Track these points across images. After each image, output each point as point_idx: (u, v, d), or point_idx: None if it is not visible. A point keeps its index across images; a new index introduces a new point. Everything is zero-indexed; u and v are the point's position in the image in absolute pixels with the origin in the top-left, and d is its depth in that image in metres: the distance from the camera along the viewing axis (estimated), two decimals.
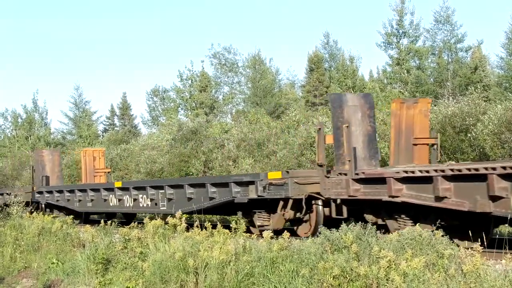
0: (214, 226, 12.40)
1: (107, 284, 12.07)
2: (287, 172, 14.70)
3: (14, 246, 17.10)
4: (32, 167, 29.35)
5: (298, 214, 15.23)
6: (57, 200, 25.39)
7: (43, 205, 26.71)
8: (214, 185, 17.20)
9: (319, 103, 62.53)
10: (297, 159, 29.48)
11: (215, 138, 37.98)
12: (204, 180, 18.03)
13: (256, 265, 9.82)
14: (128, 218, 25.48)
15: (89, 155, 28.95)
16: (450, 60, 54.88)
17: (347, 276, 8.36)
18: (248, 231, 14.78)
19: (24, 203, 26.24)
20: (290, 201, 14.74)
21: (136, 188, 20.50)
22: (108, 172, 29.69)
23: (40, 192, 26.85)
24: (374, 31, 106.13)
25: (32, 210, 26.18)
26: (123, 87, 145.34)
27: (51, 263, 14.55)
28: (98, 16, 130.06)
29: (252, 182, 15.57)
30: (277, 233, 12.46)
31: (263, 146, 33.92)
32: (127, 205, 20.69)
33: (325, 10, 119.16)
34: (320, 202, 14.78)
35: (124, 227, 14.16)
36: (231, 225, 12.09)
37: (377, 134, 24.27)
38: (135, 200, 20.30)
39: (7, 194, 27.60)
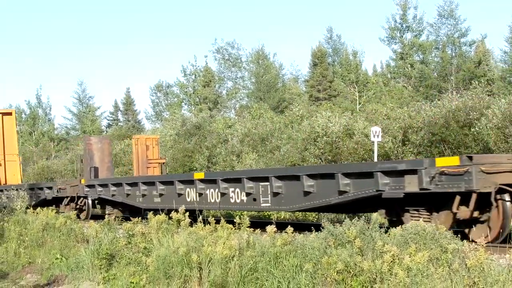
0: (217, 221, 12.40)
1: (111, 279, 12.09)
2: (469, 157, 11.24)
3: (18, 241, 17.12)
4: (80, 156, 25.43)
5: (475, 213, 11.82)
6: (113, 195, 21.18)
7: (89, 201, 23.18)
8: (348, 175, 13.43)
9: (322, 97, 62.53)
10: (301, 154, 29.50)
11: (219, 133, 38.07)
12: (332, 169, 14.09)
13: (260, 260, 9.81)
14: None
15: (141, 144, 25.37)
16: (453, 54, 54.91)
17: (351, 271, 8.36)
18: None
19: (68, 198, 24.05)
20: (474, 196, 11.19)
21: (226, 180, 16.50)
22: (163, 163, 25.91)
23: (91, 186, 22.59)
24: (378, 25, 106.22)
25: (79, 207, 23.94)
26: (127, 83, 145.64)
27: (55, 259, 14.56)
28: (102, 11, 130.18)
29: (410, 171, 12.09)
30: None
31: (267, 141, 33.98)
32: (212, 200, 16.85)
33: (328, 5, 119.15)
34: (507, 197, 11.73)
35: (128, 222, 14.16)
36: (234, 220, 12.09)
37: (380, 130, 24.33)
38: (223, 194, 16.40)
39: (48, 188, 25.29)
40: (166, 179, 19.28)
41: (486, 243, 8.26)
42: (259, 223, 16.03)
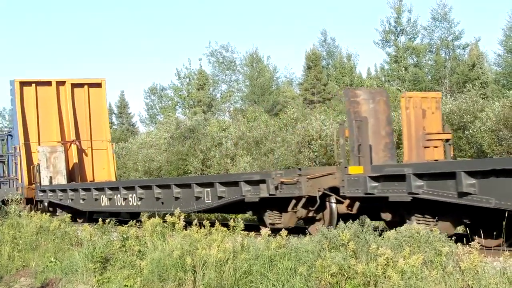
0: (212, 225, 12.40)
1: (105, 283, 12.08)
2: None
3: (12, 245, 17.08)
4: (340, 126, 13.48)
5: None
6: (465, 194, 10.58)
7: (333, 204, 13.64)
8: None
9: (317, 100, 62.53)
10: (295, 157, 29.50)
11: (213, 136, 38.00)
12: None
13: (254, 263, 9.82)
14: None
15: (415, 106, 14.34)
16: (447, 57, 54.98)
17: (345, 274, 8.37)
18: None
19: (303, 199, 13.79)
20: None
21: None
22: (448, 140, 14.85)
23: (387, 177, 12.19)
24: (372, 28, 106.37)
25: (312, 215, 14.14)
26: (121, 86, 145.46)
27: (49, 262, 14.55)
28: (95, 14, 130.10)
29: None
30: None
31: (261, 144, 33.95)
32: None
33: (322, 8, 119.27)
34: None
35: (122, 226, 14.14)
36: (229, 223, 12.10)
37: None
38: None
39: (251, 183, 14.84)
40: None
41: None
42: (253, 226, 16.06)
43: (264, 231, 10.98)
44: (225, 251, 10.29)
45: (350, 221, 9.67)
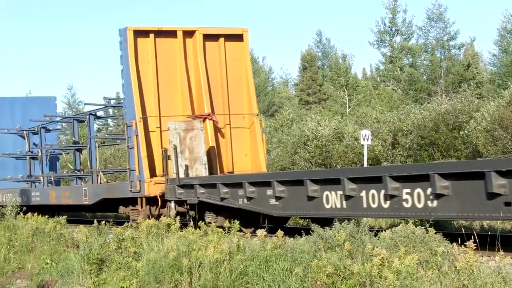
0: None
1: (101, 284, 12.06)
2: None
3: (8, 247, 17.05)
4: None
5: None
6: None
7: None
8: None
9: (312, 101, 62.61)
10: (291, 157, 29.53)
11: None
12: None
13: (250, 264, 9.81)
14: None
15: None
16: (443, 57, 55.06)
17: (341, 274, 8.37)
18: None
19: None
20: None
21: None
22: None
23: None
24: (367, 29, 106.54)
25: None
26: (117, 87, 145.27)
27: (45, 264, 14.52)
28: (89, 15, 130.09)
29: None
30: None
31: None
32: None
33: (318, 9, 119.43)
34: None
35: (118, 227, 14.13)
36: (224, 224, 12.09)
37: (370, 133, 24.37)
38: None
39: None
40: None
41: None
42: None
43: (260, 232, 10.93)
44: (221, 252, 10.29)
45: (346, 221, 9.67)
